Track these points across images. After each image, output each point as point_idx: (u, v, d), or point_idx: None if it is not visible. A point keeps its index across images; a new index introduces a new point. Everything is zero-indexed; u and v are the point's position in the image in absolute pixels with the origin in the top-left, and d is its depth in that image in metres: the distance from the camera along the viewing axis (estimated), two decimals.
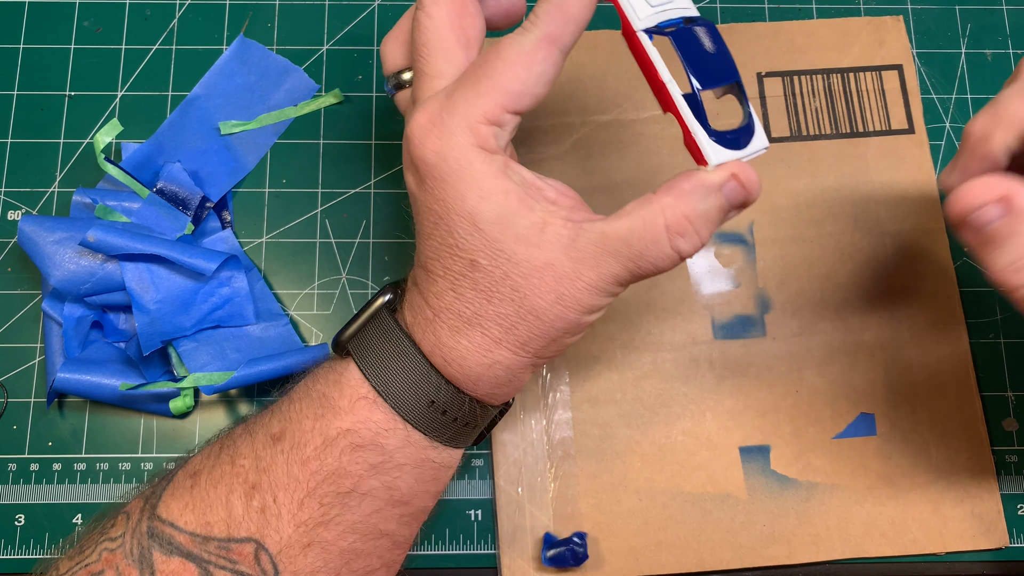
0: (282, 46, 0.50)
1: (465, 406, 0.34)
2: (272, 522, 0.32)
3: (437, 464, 0.35)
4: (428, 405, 0.34)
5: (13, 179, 0.48)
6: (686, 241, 0.31)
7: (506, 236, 0.31)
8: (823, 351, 0.46)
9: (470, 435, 0.36)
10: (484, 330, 0.33)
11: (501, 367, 0.33)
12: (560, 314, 0.32)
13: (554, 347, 0.33)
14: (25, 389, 0.46)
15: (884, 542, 0.44)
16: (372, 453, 0.33)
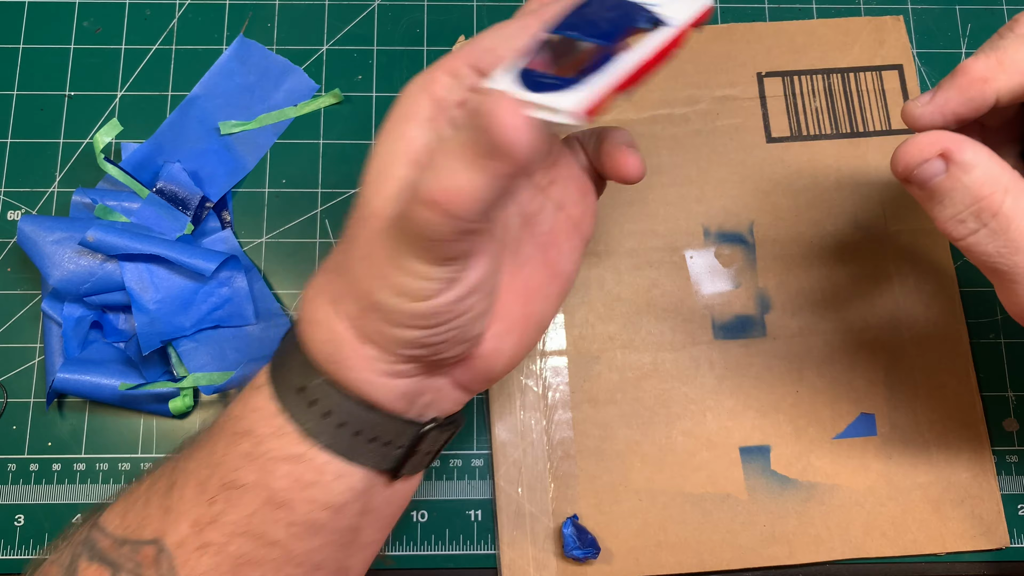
0: (282, 46, 0.50)
1: (325, 389, 0.31)
2: (172, 521, 0.31)
3: (316, 468, 0.31)
4: (297, 391, 0.31)
5: (13, 179, 0.48)
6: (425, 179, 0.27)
7: (373, 179, 0.30)
8: (823, 351, 0.46)
9: (355, 444, 0.32)
10: (320, 279, 0.32)
11: (323, 329, 0.31)
12: (364, 273, 0.29)
13: (370, 328, 0.30)
14: (25, 389, 0.46)
15: (884, 542, 0.44)
16: (247, 441, 0.32)
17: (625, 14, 0.28)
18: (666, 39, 0.28)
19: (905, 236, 0.48)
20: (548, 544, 0.43)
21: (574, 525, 0.43)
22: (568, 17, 0.28)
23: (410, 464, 0.34)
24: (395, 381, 0.31)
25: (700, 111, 0.49)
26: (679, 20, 0.29)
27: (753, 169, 0.49)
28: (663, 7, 0.29)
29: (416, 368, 0.32)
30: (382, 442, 0.32)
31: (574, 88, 0.26)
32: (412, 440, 0.33)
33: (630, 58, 0.27)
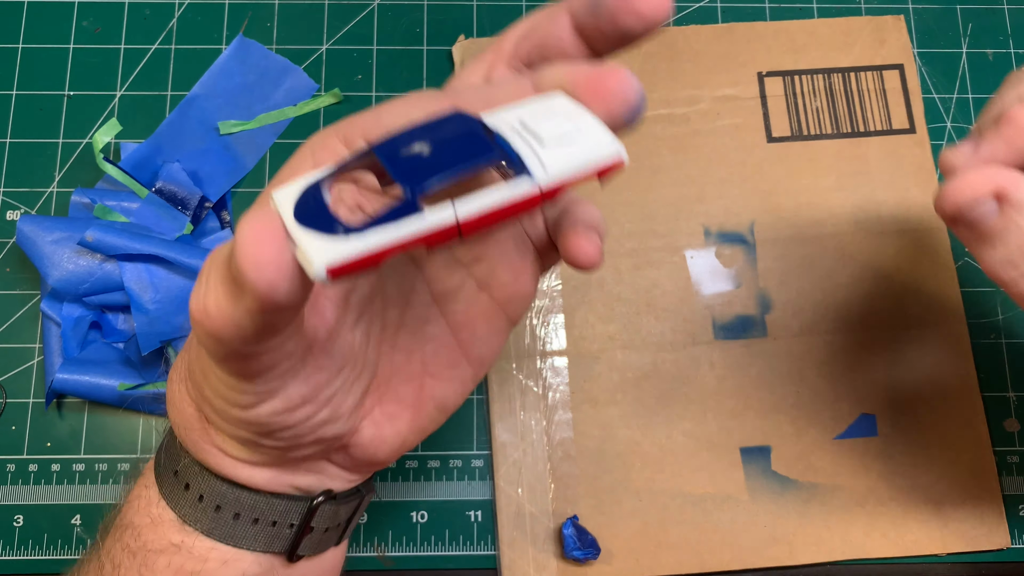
0: (281, 46, 0.50)
1: (193, 468, 0.28)
2: None
3: (199, 557, 0.29)
4: (174, 474, 0.29)
5: (12, 179, 0.48)
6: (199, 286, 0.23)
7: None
8: (824, 351, 0.46)
9: (237, 527, 0.29)
10: (184, 349, 0.29)
11: (176, 407, 0.28)
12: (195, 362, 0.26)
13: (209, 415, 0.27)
14: (24, 389, 0.46)
15: (885, 543, 0.44)
16: (127, 534, 0.29)
17: (473, 146, 0.21)
18: (504, 199, 0.21)
19: (906, 236, 0.48)
20: (548, 545, 0.43)
21: (574, 526, 0.43)
22: (408, 132, 0.22)
23: (308, 542, 0.30)
24: (254, 468, 0.28)
25: (700, 111, 0.49)
26: (548, 175, 0.21)
27: (754, 169, 0.48)
28: (542, 147, 0.22)
29: (271, 459, 0.28)
30: (267, 523, 0.29)
31: (341, 236, 0.20)
32: (302, 518, 0.30)
33: (434, 215, 0.20)
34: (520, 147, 0.22)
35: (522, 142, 0.22)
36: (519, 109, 0.23)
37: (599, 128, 0.22)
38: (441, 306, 0.29)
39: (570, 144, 0.22)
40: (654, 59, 0.50)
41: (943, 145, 0.50)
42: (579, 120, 0.22)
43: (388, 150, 0.21)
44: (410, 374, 0.29)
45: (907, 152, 0.49)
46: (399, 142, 0.22)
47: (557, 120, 0.22)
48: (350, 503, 0.31)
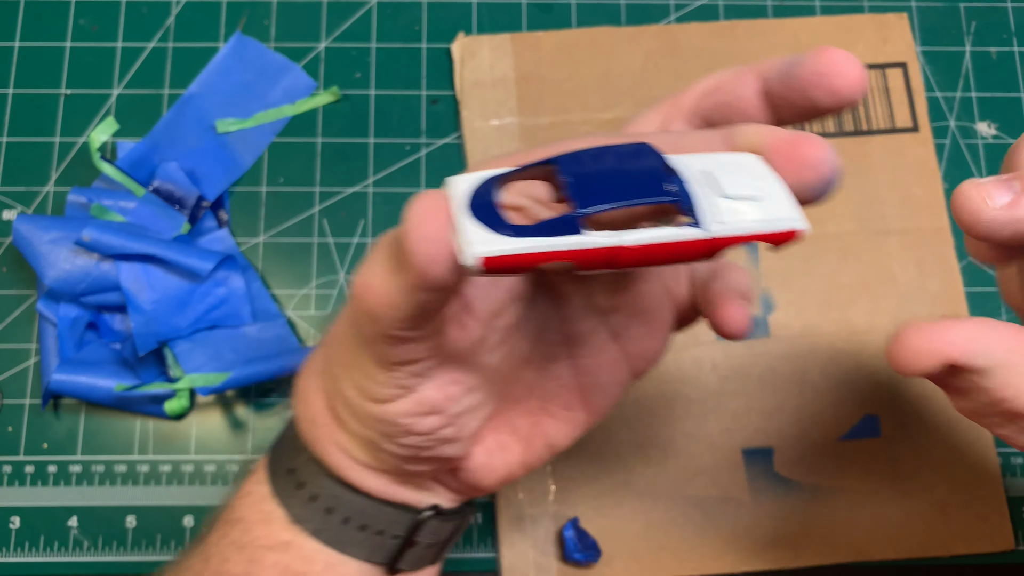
0: (279, 43, 0.50)
1: (310, 467, 0.29)
2: None
3: (305, 558, 0.29)
4: (287, 473, 0.29)
5: (8, 178, 0.48)
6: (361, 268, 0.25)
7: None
8: (827, 352, 0.46)
9: (344, 532, 0.29)
10: (317, 352, 0.30)
11: (302, 397, 0.29)
12: (334, 354, 0.27)
13: (339, 411, 0.28)
14: (20, 390, 0.45)
15: (889, 545, 0.43)
16: (237, 529, 0.30)
17: (651, 182, 0.22)
18: (669, 238, 0.21)
19: (909, 235, 0.47)
20: (549, 547, 0.43)
21: (575, 528, 0.43)
22: (591, 151, 0.23)
23: (409, 557, 0.31)
24: (370, 473, 0.29)
25: None
26: (722, 227, 0.21)
27: None
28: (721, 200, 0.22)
29: (388, 467, 0.29)
30: (374, 531, 0.29)
31: (501, 232, 0.21)
32: (408, 530, 0.30)
33: (595, 236, 0.21)
34: (699, 194, 0.22)
35: (701, 190, 0.22)
36: (706, 159, 0.23)
37: (784, 195, 0.23)
38: (570, 348, 0.29)
39: (751, 203, 0.22)
40: (655, 57, 0.50)
41: (946, 144, 0.49)
42: (765, 183, 0.23)
43: (569, 164, 0.22)
44: (528, 409, 0.30)
45: (910, 151, 0.49)
46: (581, 159, 0.22)
47: (742, 178, 0.22)
48: (453, 521, 0.32)
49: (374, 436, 0.27)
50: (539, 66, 0.49)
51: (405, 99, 0.50)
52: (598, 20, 0.51)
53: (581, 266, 0.21)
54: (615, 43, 0.50)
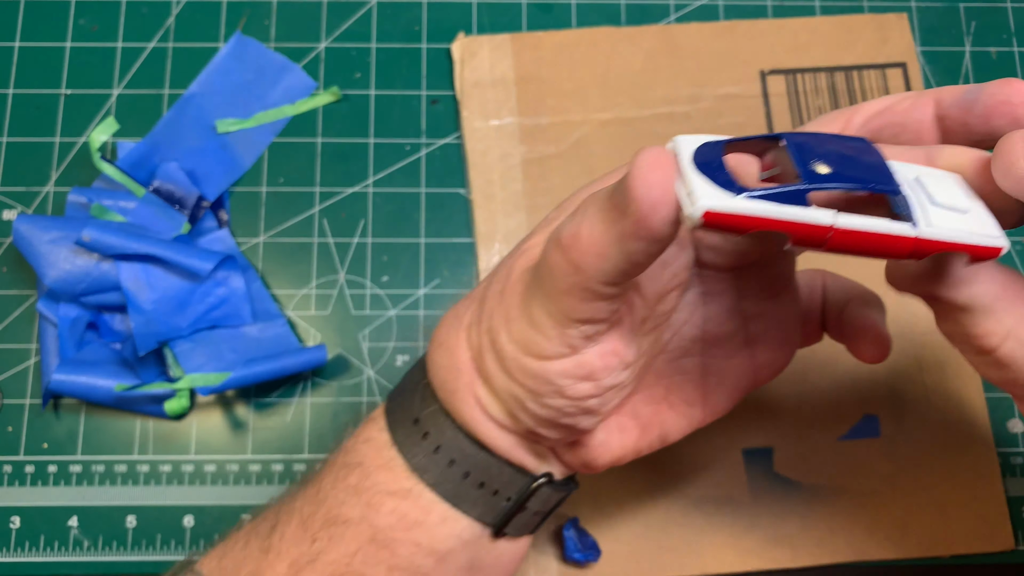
0: (279, 43, 0.50)
1: (439, 419, 0.30)
2: (271, 561, 0.30)
3: (422, 507, 0.30)
4: (413, 423, 0.30)
5: (8, 178, 0.48)
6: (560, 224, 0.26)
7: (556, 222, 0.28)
8: (827, 352, 0.46)
9: (462, 487, 0.30)
10: (460, 305, 0.30)
11: (444, 345, 0.30)
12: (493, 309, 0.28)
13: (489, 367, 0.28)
14: (20, 390, 0.45)
15: (888, 545, 0.43)
16: (355, 473, 0.31)
17: (875, 173, 0.23)
18: (882, 229, 0.22)
19: None
20: (548, 547, 0.43)
21: (575, 528, 0.43)
22: (819, 136, 0.24)
23: (516, 522, 0.31)
24: (499, 431, 0.30)
25: (702, 109, 0.49)
26: (931, 229, 0.23)
27: None
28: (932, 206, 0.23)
29: (519, 429, 0.30)
30: (490, 490, 0.30)
31: (728, 191, 0.22)
32: (521, 494, 0.31)
33: (816, 212, 0.22)
34: (911, 197, 0.23)
35: (914, 194, 0.23)
36: (913, 169, 0.25)
37: (986, 213, 0.24)
38: (705, 346, 0.31)
39: (958, 214, 0.23)
40: (655, 57, 0.50)
41: None
42: (971, 201, 0.24)
43: (798, 143, 0.24)
44: (652, 396, 0.31)
45: None
46: (808, 141, 0.24)
47: (951, 191, 0.24)
48: (560, 492, 0.32)
49: (521, 393, 0.28)
50: (539, 66, 0.49)
51: (405, 99, 0.50)
52: (598, 20, 0.51)
53: (793, 239, 0.22)
54: (615, 43, 0.50)
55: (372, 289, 0.47)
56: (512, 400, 0.28)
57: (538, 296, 0.26)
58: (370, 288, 0.47)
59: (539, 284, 0.26)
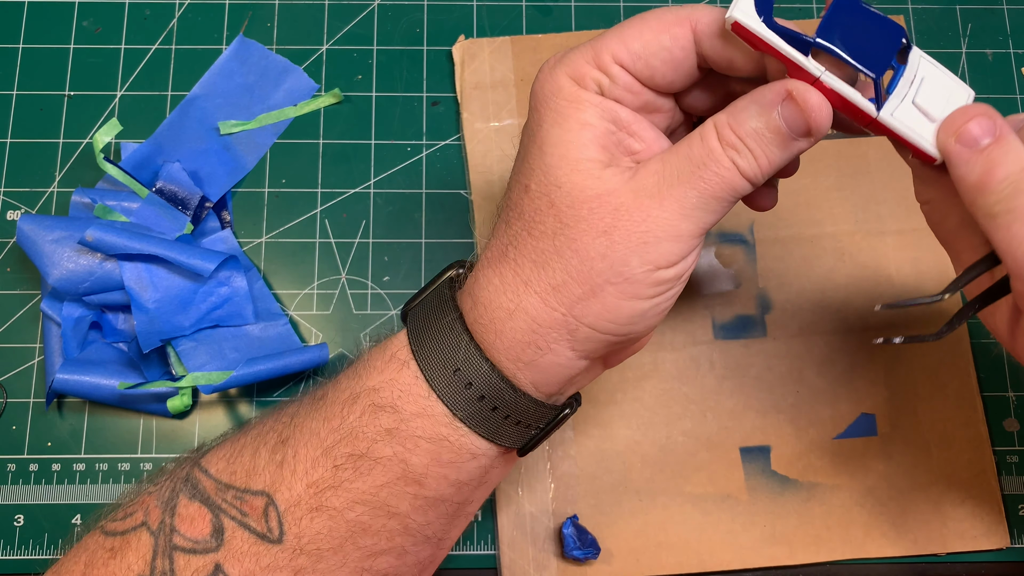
0: (282, 46, 0.50)
1: (488, 376, 0.31)
2: (287, 477, 0.32)
3: (456, 448, 0.32)
4: (453, 372, 0.32)
5: (12, 179, 0.48)
6: (741, 157, 0.29)
7: (564, 163, 0.30)
8: (824, 351, 0.46)
9: (502, 426, 0.32)
10: (516, 266, 0.31)
11: (525, 317, 0.31)
12: (604, 251, 0.29)
13: (597, 308, 0.30)
14: (24, 389, 0.46)
15: (885, 542, 0.44)
16: (389, 416, 0.32)
17: (876, 56, 0.29)
18: (849, 95, 0.29)
19: (905, 236, 0.48)
20: (548, 544, 0.43)
21: (574, 525, 0.43)
22: (855, 7, 0.29)
23: (537, 443, 0.35)
24: (579, 363, 0.32)
25: None
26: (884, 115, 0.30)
27: None
28: (906, 103, 0.30)
29: (608, 349, 0.32)
30: (525, 424, 0.33)
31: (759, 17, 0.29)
32: (549, 423, 0.34)
33: (809, 62, 0.29)
34: (899, 88, 0.29)
35: (904, 88, 0.29)
36: (933, 71, 0.30)
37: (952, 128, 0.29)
38: None
39: (924, 118, 0.29)
40: None
41: None
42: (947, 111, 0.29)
43: (838, 7, 0.29)
44: None
45: None
46: (850, 10, 0.29)
47: (939, 100, 0.29)
48: (574, 411, 0.35)
49: (646, 306, 0.31)
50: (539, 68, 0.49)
51: (406, 101, 0.50)
52: (597, 22, 0.51)
53: (788, 72, 0.29)
54: None
55: (373, 289, 0.47)
56: (627, 323, 0.31)
57: (692, 216, 0.29)
58: (371, 288, 0.47)
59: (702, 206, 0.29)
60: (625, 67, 0.30)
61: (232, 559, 0.31)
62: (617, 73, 0.30)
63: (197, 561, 0.31)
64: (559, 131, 0.30)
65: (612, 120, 0.30)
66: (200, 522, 0.32)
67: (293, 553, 0.31)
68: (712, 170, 0.29)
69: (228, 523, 0.31)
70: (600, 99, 0.30)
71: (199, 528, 0.31)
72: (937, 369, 0.46)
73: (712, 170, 0.29)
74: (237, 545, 0.31)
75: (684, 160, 0.29)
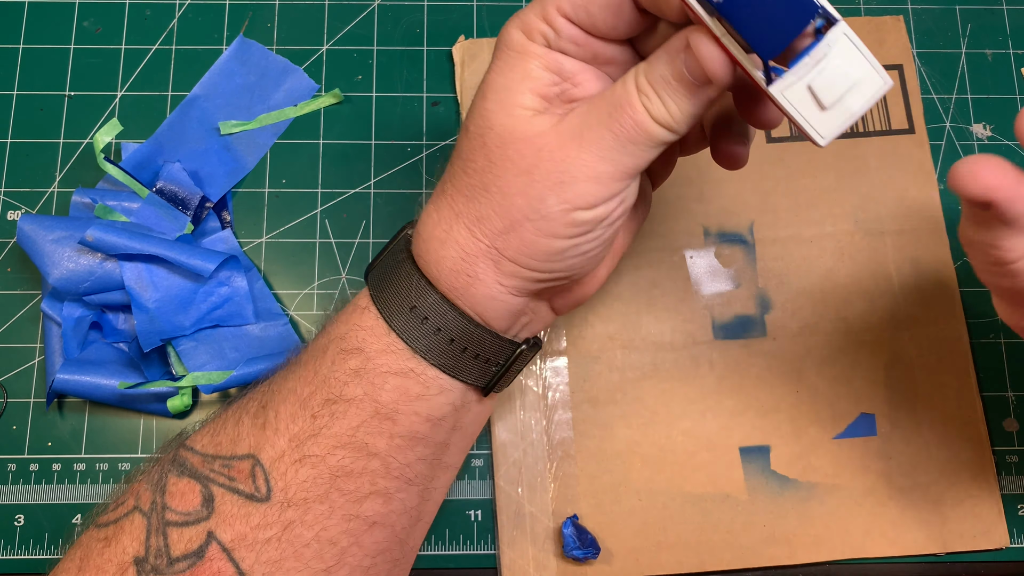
0: (282, 46, 0.50)
1: (439, 306, 0.33)
2: (270, 437, 0.33)
3: (423, 382, 0.34)
4: (410, 310, 0.33)
5: (13, 179, 0.48)
6: (651, 102, 0.30)
7: (500, 108, 0.31)
8: (823, 351, 0.46)
9: (461, 360, 0.34)
10: (451, 200, 0.33)
11: (455, 246, 0.33)
12: (524, 188, 0.31)
13: (516, 243, 0.31)
14: (25, 389, 0.46)
15: (884, 542, 0.44)
16: (356, 358, 0.33)
17: (773, 28, 0.27)
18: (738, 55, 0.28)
19: (905, 236, 0.48)
20: (548, 544, 0.43)
21: (574, 525, 0.43)
22: None
23: (501, 382, 0.36)
24: (512, 299, 0.33)
25: None
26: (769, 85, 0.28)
27: (753, 169, 0.48)
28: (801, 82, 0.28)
29: (538, 288, 0.33)
30: (483, 359, 0.34)
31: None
32: (508, 359, 0.35)
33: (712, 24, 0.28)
34: (798, 67, 0.28)
35: (804, 69, 0.28)
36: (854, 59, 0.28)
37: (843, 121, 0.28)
38: None
39: (816, 105, 0.28)
40: None
41: (942, 145, 0.50)
42: (851, 103, 0.28)
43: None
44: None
45: (906, 152, 0.49)
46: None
47: (838, 89, 0.28)
48: (534, 351, 0.36)
49: (562, 243, 0.31)
50: None
51: (406, 101, 0.50)
52: None
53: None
54: None
55: None
56: (546, 259, 0.32)
57: (610, 158, 0.30)
58: None
59: (619, 148, 0.30)
60: (569, 18, 0.31)
61: (223, 524, 0.31)
62: (562, 25, 0.31)
63: (189, 532, 0.31)
64: (502, 80, 0.31)
65: (556, 71, 0.31)
66: (190, 495, 0.32)
67: (281, 507, 0.32)
68: (626, 113, 0.30)
69: (217, 491, 0.32)
70: (545, 51, 0.31)
71: (190, 500, 0.32)
72: (937, 369, 0.46)
73: (626, 113, 0.30)
74: (227, 510, 0.32)
75: (606, 104, 0.30)
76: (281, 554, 0.31)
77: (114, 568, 0.31)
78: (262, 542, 0.31)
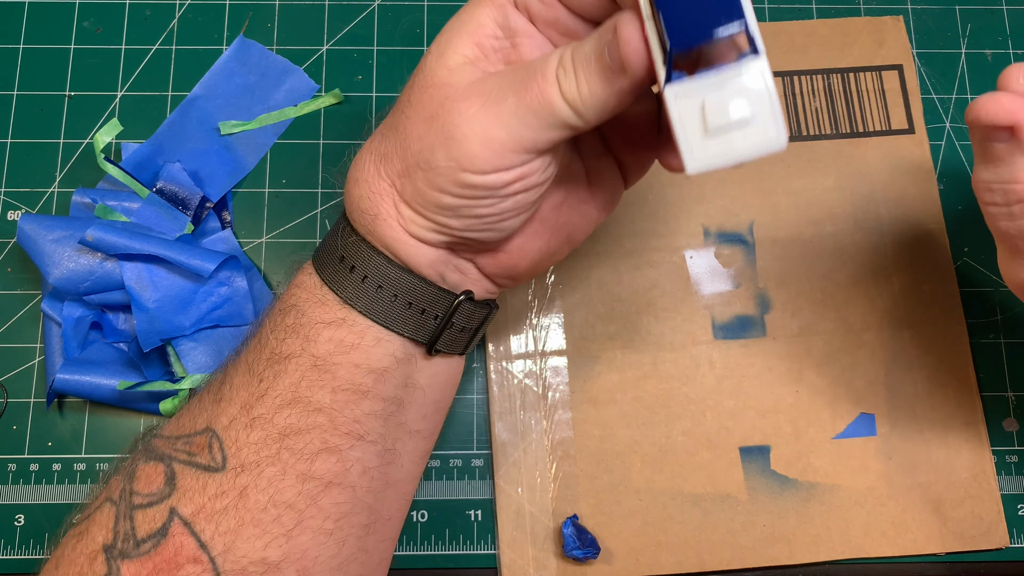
0: (282, 46, 0.50)
1: (358, 247, 0.33)
2: (224, 407, 0.33)
3: (357, 331, 0.33)
4: (340, 260, 0.33)
5: (13, 179, 0.48)
6: (566, 78, 0.29)
7: (435, 50, 0.31)
8: (823, 351, 0.46)
9: (393, 309, 0.33)
10: (371, 140, 0.33)
11: (364, 182, 0.33)
12: (421, 135, 0.31)
13: (410, 189, 0.31)
14: (25, 389, 0.46)
15: (884, 542, 0.44)
16: (292, 315, 0.34)
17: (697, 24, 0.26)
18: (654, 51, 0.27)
19: (905, 236, 0.48)
20: (548, 544, 0.43)
21: (574, 525, 0.43)
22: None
23: (445, 338, 0.35)
24: (423, 247, 0.33)
25: None
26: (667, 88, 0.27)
27: (753, 169, 0.49)
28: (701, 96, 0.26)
29: (442, 240, 0.33)
30: (418, 309, 0.34)
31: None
32: (447, 311, 0.34)
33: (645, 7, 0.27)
34: (704, 76, 0.26)
35: (710, 77, 0.26)
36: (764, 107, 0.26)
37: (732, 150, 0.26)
38: (582, 154, 0.35)
39: (702, 130, 0.26)
40: None
41: (942, 145, 0.50)
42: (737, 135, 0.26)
43: None
44: (554, 201, 0.35)
45: (906, 152, 0.49)
46: None
47: (730, 113, 0.26)
48: (482, 309, 0.36)
49: (452, 201, 0.31)
50: None
51: None
52: None
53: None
54: None
55: None
56: (441, 210, 0.31)
57: (506, 124, 0.29)
58: None
59: (518, 115, 0.29)
60: None
61: (184, 499, 0.31)
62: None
63: (153, 512, 0.31)
64: (455, 23, 0.31)
65: (502, 25, 0.31)
66: (155, 476, 0.32)
67: (235, 473, 0.32)
68: (538, 82, 0.29)
69: (179, 467, 0.32)
70: (504, 2, 0.31)
71: (154, 482, 0.32)
72: (936, 369, 0.46)
73: (538, 82, 0.29)
74: (187, 483, 0.32)
75: (525, 70, 0.30)
76: (239, 521, 0.31)
77: (84, 559, 0.31)
78: (219, 511, 0.31)
